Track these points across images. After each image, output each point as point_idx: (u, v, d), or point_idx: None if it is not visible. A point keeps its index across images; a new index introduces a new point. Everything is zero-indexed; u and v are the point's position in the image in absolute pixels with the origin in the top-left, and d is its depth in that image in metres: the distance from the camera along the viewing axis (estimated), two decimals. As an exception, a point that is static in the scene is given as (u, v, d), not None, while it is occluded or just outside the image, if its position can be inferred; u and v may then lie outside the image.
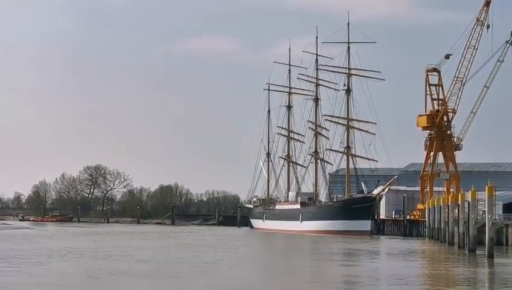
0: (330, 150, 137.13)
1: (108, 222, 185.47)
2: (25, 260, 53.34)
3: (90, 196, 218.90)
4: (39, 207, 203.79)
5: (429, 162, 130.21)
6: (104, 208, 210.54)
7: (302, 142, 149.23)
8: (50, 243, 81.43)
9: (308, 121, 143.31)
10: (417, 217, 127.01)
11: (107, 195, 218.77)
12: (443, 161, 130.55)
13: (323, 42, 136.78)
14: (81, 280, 43.23)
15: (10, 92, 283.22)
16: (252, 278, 48.44)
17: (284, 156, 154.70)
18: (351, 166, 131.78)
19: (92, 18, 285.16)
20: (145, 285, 42.34)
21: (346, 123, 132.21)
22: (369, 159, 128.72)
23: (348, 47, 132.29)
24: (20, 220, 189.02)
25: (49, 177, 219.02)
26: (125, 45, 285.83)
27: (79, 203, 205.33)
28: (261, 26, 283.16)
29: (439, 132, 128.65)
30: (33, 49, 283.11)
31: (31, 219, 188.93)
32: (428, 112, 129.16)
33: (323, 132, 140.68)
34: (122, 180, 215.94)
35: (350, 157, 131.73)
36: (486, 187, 67.63)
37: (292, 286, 44.40)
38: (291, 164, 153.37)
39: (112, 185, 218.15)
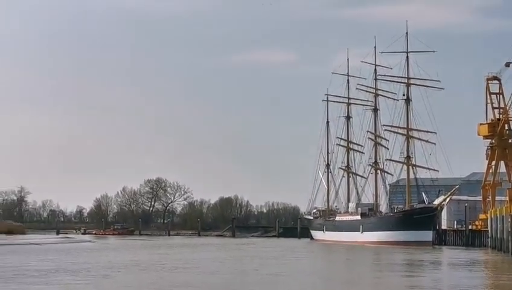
0: (390, 160, 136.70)
1: (169, 235, 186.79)
2: (93, 273, 53.91)
3: (151, 208, 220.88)
4: (101, 220, 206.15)
5: (491, 171, 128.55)
6: (165, 221, 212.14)
7: (362, 152, 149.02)
8: (114, 256, 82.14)
9: (368, 131, 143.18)
10: (479, 227, 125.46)
11: (167, 208, 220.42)
12: (505, 170, 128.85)
13: (382, 52, 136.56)
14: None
15: (68, 106, 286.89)
16: (315, 289, 48.41)
17: (344, 167, 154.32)
18: (412, 176, 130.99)
19: (146, 30, 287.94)
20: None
21: (405, 133, 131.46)
22: (429, 169, 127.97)
23: (407, 56, 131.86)
24: (82, 233, 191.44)
25: (111, 190, 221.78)
26: (182, 57, 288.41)
27: (140, 216, 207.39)
28: (318, 37, 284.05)
29: (501, 140, 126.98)
30: (99, 63, 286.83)
31: (93, 232, 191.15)
32: (489, 121, 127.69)
33: (383, 142, 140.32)
34: (183, 192, 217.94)
35: (410, 167, 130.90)
36: (550, 196, 66.68)
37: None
38: (350, 174, 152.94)
39: (172, 198, 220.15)
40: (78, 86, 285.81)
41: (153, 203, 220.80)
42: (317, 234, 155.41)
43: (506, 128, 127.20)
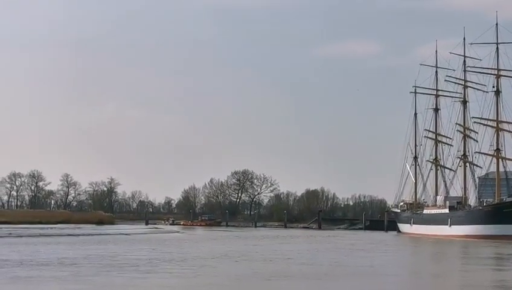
0: (479, 153, 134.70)
1: (255, 226, 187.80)
2: (194, 263, 55.04)
3: (237, 200, 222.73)
4: (189, 211, 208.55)
5: None
6: (252, 213, 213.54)
7: (450, 145, 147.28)
8: (208, 246, 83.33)
9: (456, 123, 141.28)
10: None
11: (254, 199, 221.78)
12: None
13: (471, 43, 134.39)
14: (252, 281, 44.21)
15: (154, 100, 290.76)
16: (404, 281, 48.35)
17: (432, 160, 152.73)
18: (501, 169, 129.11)
19: (233, 23, 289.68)
20: (314, 285, 43.08)
21: (495, 125, 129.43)
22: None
23: (497, 47, 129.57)
24: (170, 224, 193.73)
25: (198, 182, 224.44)
26: (264, 50, 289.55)
27: (227, 208, 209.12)
28: (406, 28, 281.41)
29: None
30: (178, 59, 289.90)
31: (181, 223, 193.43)
32: None
33: (472, 134, 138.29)
34: (269, 184, 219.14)
35: (500, 160, 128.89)
36: None
37: (444, 289, 44.11)
38: (439, 167, 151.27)
39: (259, 190, 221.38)
40: (159, 80, 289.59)
41: (239, 194, 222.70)
42: (404, 227, 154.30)
43: None
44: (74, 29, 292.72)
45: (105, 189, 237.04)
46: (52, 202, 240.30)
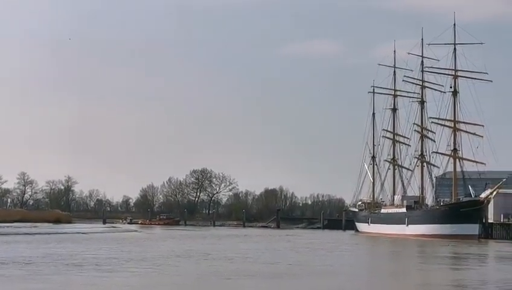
0: (436, 152, 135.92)
1: (214, 225, 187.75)
2: (154, 262, 54.96)
3: (196, 199, 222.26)
4: (147, 210, 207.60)
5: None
6: (210, 212, 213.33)
7: (408, 145, 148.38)
8: (168, 245, 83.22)
9: (414, 123, 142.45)
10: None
11: (212, 198, 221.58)
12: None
13: (429, 44, 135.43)
14: (213, 281, 44.34)
15: (116, 98, 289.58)
16: (362, 280, 48.74)
17: (390, 159, 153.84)
18: (458, 169, 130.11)
19: (197, 22, 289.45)
20: (274, 284, 43.49)
21: (452, 126, 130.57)
22: (476, 162, 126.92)
23: (454, 48, 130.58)
24: (128, 223, 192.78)
25: (157, 181, 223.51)
26: (229, 49, 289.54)
27: (185, 207, 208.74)
28: (364, 28, 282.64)
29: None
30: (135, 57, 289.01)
31: (139, 222, 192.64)
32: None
33: (430, 134, 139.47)
34: (228, 183, 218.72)
35: (457, 160, 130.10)
36: None
37: (401, 288, 44.46)
38: (396, 167, 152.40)
39: (217, 189, 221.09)
40: (122, 78, 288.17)
41: (198, 193, 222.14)
42: (362, 227, 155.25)
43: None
44: (45, 29, 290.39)
45: (62, 187, 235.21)
46: (9, 201, 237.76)
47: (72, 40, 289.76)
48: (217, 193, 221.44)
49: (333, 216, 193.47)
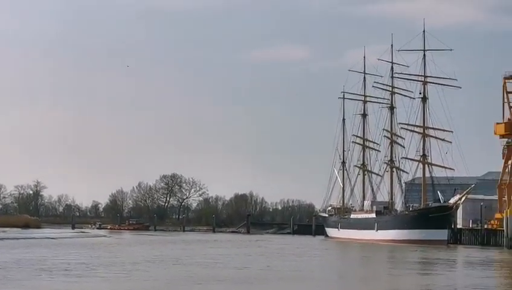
0: (406, 158, 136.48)
1: (184, 231, 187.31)
2: (125, 267, 54.83)
3: (166, 204, 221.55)
4: (116, 215, 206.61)
5: (507, 170, 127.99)
6: (180, 217, 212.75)
7: (378, 150, 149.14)
8: (138, 251, 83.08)
9: (384, 129, 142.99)
10: (495, 227, 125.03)
11: (182, 203, 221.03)
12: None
13: (399, 50, 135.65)
14: (183, 286, 44.30)
15: (87, 102, 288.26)
16: (331, 285, 48.91)
17: (359, 165, 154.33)
18: (427, 175, 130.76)
19: (165, 26, 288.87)
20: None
21: (422, 131, 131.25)
22: (445, 167, 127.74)
23: (424, 55, 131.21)
24: (97, 228, 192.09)
25: (126, 186, 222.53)
26: (197, 53, 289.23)
27: (155, 212, 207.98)
28: (335, 34, 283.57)
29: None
30: (109, 59, 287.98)
31: (108, 227, 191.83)
32: (506, 120, 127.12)
33: (399, 140, 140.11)
34: (198, 188, 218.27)
35: (426, 165, 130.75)
36: None
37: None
38: (366, 172, 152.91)
39: (187, 194, 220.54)
40: (93, 82, 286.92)
41: (168, 199, 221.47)
42: (331, 232, 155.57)
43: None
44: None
45: (31, 192, 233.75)
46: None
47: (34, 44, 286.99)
48: (187, 198, 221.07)
49: (303, 221, 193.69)
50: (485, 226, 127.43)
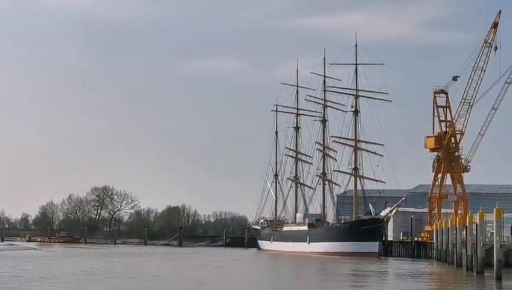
0: (338, 171, 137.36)
1: (115, 243, 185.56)
2: (60, 281, 53.99)
3: (97, 217, 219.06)
4: (46, 228, 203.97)
5: (437, 183, 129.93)
6: (111, 229, 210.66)
7: (310, 163, 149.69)
8: (64, 264, 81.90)
9: (316, 142, 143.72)
10: (425, 239, 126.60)
11: (114, 216, 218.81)
12: (451, 183, 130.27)
13: (331, 64, 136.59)
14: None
15: (18, 113, 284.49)
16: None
17: (292, 178, 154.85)
18: (359, 187, 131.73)
19: (95, 41, 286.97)
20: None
21: (354, 144, 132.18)
22: (376, 180, 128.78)
23: (356, 68, 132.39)
24: (27, 241, 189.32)
25: (57, 198, 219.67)
26: (131, 64, 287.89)
27: (86, 224, 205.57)
28: (268, 47, 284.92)
29: (447, 153, 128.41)
30: (40, 70, 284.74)
31: (38, 240, 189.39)
32: (436, 134, 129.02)
33: (331, 153, 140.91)
34: (130, 201, 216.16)
35: (358, 178, 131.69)
36: (494, 209, 67.32)
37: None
38: (299, 185, 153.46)
39: (119, 206, 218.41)
40: (29, 88, 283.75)
41: (99, 211, 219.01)
42: (264, 244, 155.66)
43: (453, 141, 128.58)
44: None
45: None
46: None
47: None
48: (118, 210, 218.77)
49: (236, 234, 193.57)
50: (415, 239, 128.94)
